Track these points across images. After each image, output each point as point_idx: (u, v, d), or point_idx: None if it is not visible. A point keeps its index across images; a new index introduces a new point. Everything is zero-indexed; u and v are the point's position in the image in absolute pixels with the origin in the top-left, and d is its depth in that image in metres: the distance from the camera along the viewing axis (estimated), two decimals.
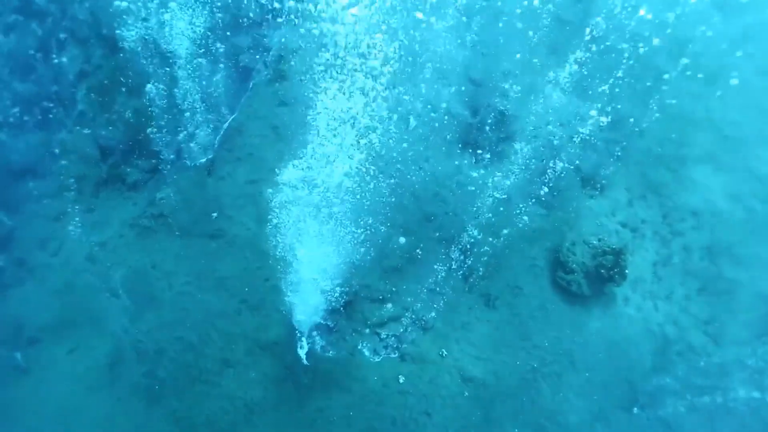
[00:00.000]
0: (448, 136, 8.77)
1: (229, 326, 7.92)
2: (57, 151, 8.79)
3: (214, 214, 8.42)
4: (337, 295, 7.92)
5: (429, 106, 8.55)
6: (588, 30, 9.32)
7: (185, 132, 8.56)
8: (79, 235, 8.51)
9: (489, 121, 8.94)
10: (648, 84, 9.42)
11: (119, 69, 8.53)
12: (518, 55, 9.12)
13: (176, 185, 8.59)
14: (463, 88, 9.09)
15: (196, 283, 8.21)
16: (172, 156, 8.75)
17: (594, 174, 9.09)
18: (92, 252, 8.45)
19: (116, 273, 8.27)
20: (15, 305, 8.10)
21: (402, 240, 7.77)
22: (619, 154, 9.16)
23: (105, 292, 8.20)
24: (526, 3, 9.90)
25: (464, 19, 9.21)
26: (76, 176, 8.79)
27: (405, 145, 8.17)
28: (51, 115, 8.91)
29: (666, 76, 9.43)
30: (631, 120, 9.30)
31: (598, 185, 9.08)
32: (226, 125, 8.78)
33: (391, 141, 7.96)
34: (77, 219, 8.60)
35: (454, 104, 8.91)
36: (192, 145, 8.60)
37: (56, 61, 8.71)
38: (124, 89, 8.45)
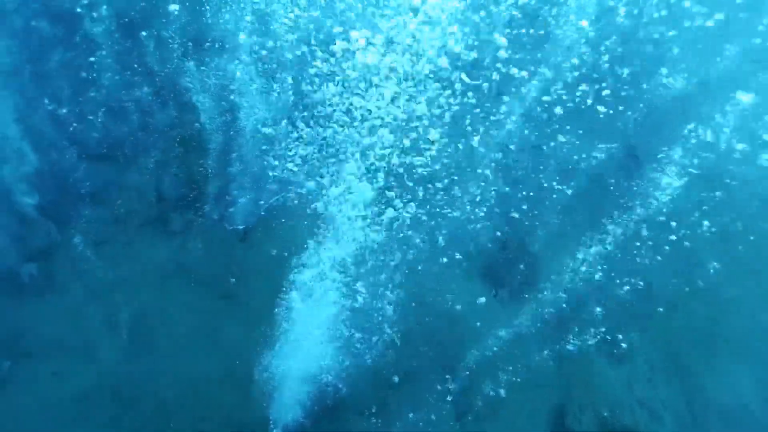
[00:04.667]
0: (470, 263, 8.89)
1: (209, 393, 7.72)
2: (121, 185, 9.72)
3: (233, 280, 8.72)
4: (323, 396, 7.62)
5: (459, 231, 8.84)
6: (631, 200, 9.52)
7: (232, 198, 9.29)
8: (108, 264, 8.99)
9: (516, 259, 9.04)
10: (685, 262, 9.32)
11: (198, 134, 9.67)
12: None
13: (208, 242, 9.09)
14: (496, 222, 9.38)
15: (194, 338, 8.26)
16: (215, 216, 9.40)
17: (615, 338, 8.70)
18: (113, 282, 8.84)
19: (125, 309, 8.51)
20: (26, 314, 8.39)
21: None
22: (645, 323, 8.82)
23: (108, 325, 8.39)
24: (576, 158, 10.43)
25: (512, 156, 9.78)
26: (128, 211, 9.57)
27: (422, 263, 8.31)
28: (128, 154, 10.01)
29: (712, 267, 9.27)
30: (663, 292, 9.07)
31: (618, 351, 8.63)
32: (272, 200, 9.42)
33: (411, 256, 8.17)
34: (113, 248, 9.16)
35: (484, 234, 9.16)
36: (234, 211, 9.25)
37: (150, 113, 10.04)
38: (194, 151, 9.50)
